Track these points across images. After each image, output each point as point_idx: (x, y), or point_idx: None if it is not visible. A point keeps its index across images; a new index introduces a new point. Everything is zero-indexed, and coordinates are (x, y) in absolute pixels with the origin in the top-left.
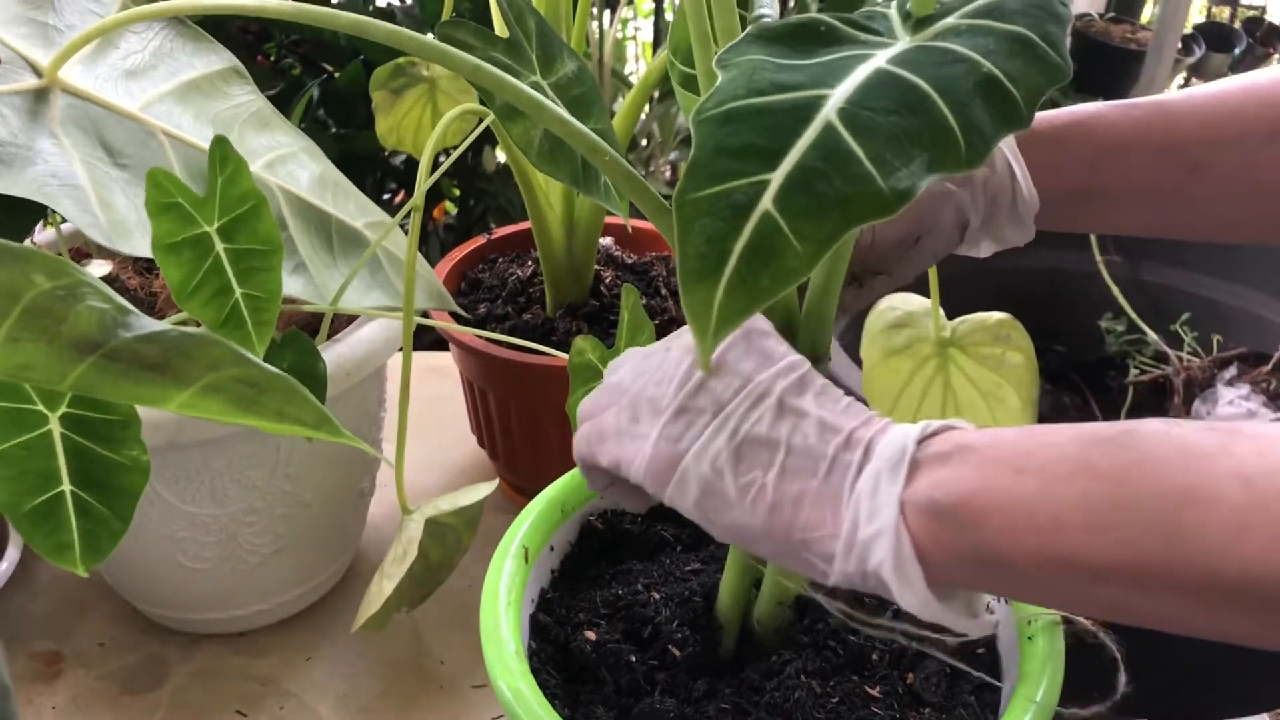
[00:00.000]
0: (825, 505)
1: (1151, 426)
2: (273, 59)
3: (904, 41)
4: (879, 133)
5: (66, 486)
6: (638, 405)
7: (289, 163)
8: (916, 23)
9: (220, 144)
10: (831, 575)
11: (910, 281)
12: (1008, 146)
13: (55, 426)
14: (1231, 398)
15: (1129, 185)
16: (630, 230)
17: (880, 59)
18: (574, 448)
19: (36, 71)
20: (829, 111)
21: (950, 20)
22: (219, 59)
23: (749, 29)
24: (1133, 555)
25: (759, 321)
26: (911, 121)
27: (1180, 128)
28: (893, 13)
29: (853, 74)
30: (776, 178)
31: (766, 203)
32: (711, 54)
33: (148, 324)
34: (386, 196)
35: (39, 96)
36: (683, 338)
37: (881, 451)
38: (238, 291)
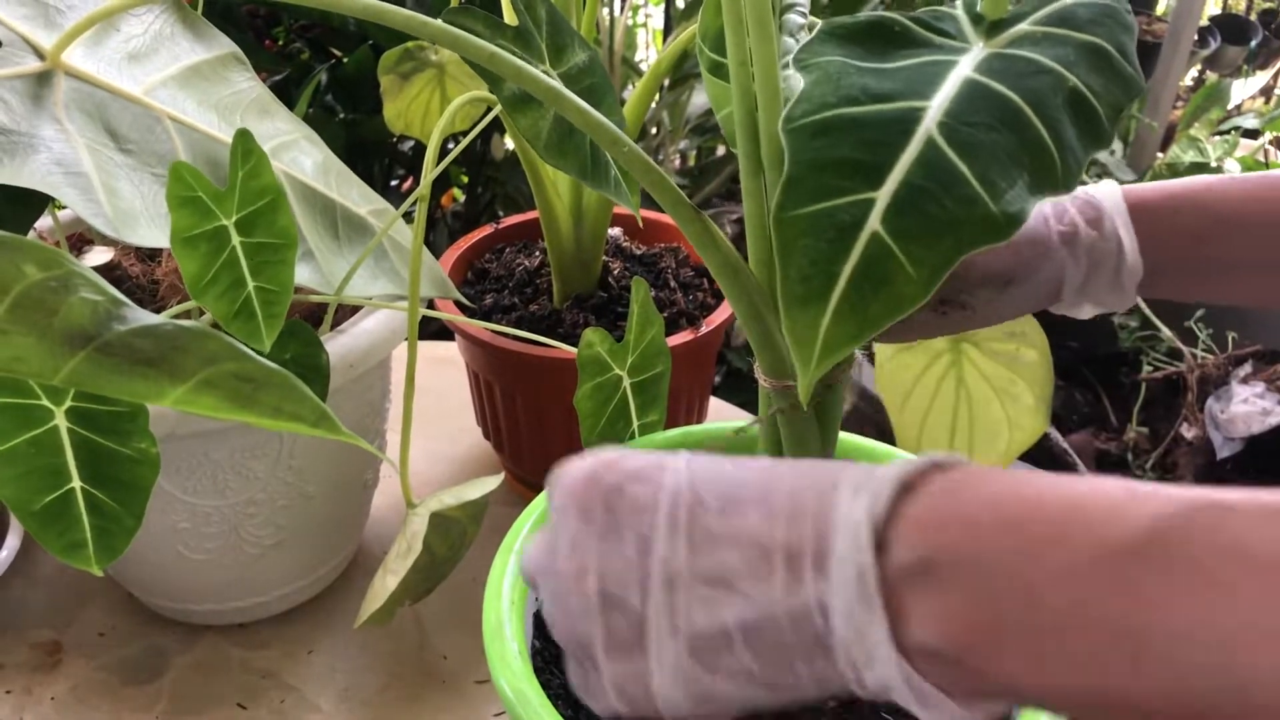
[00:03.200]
0: (821, 663)
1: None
2: (281, 43)
3: (979, 47)
4: (982, 151)
5: (76, 483)
6: (574, 655)
7: (291, 149)
8: (990, 26)
9: (243, 137)
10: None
11: (991, 324)
12: (1119, 214)
13: (61, 421)
14: (1246, 395)
15: (1239, 259)
16: (640, 222)
17: (965, 67)
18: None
19: (39, 54)
20: (929, 125)
21: (1024, 27)
22: (219, 44)
23: (821, 26)
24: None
25: (611, 466)
26: (1010, 139)
27: None
28: (960, 14)
29: (945, 84)
30: (883, 196)
31: (874, 223)
32: (744, 42)
33: (142, 317)
34: (395, 183)
35: (42, 80)
36: (555, 550)
37: (836, 576)
38: (251, 284)
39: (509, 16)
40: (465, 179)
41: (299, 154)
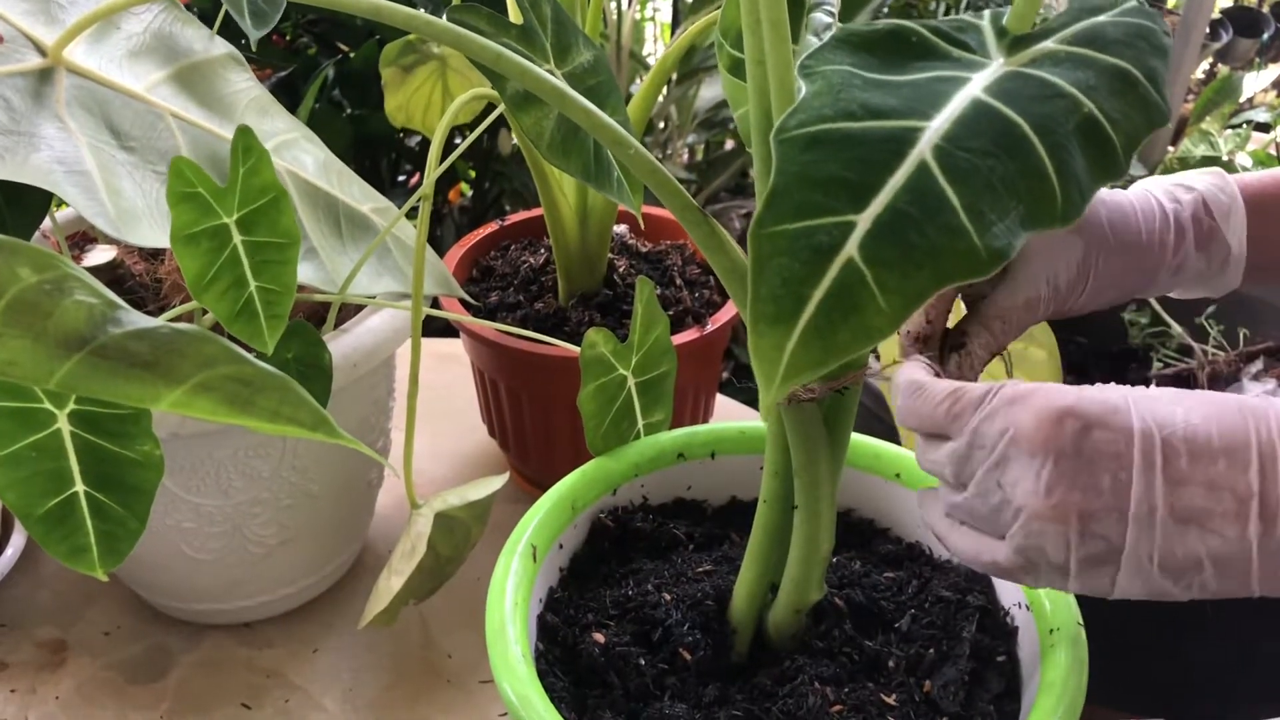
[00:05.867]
0: (1269, 577)
1: None
2: (288, 38)
3: (998, 63)
4: (975, 178)
5: (79, 487)
6: (1033, 561)
7: (292, 148)
8: (1012, 42)
9: (244, 134)
10: None
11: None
12: (1238, 224)
13: (64, 424)
14: (1257, 392)
15: None
16: (642, 223)
17: (976, 86)
18: (963, 559)
19: (40, 51)
20: (924, 148)
21: (1049, 45)
22: (216, 45)
23: (835, 32)
24: None
25: (1071, 412)
26: (1009, 167)
27: None
28: (986, 26)
29: (949, 104)
30: (864, 220)
31: (851, 248)
32: (759, 42)
33: (138, 320)
34: (402, 179)
35: (43, 77)
36: (1019, 477)
37: None
38: (253, 284)
39: (514, 15)
40: (473, 173)
41: (300, 152)
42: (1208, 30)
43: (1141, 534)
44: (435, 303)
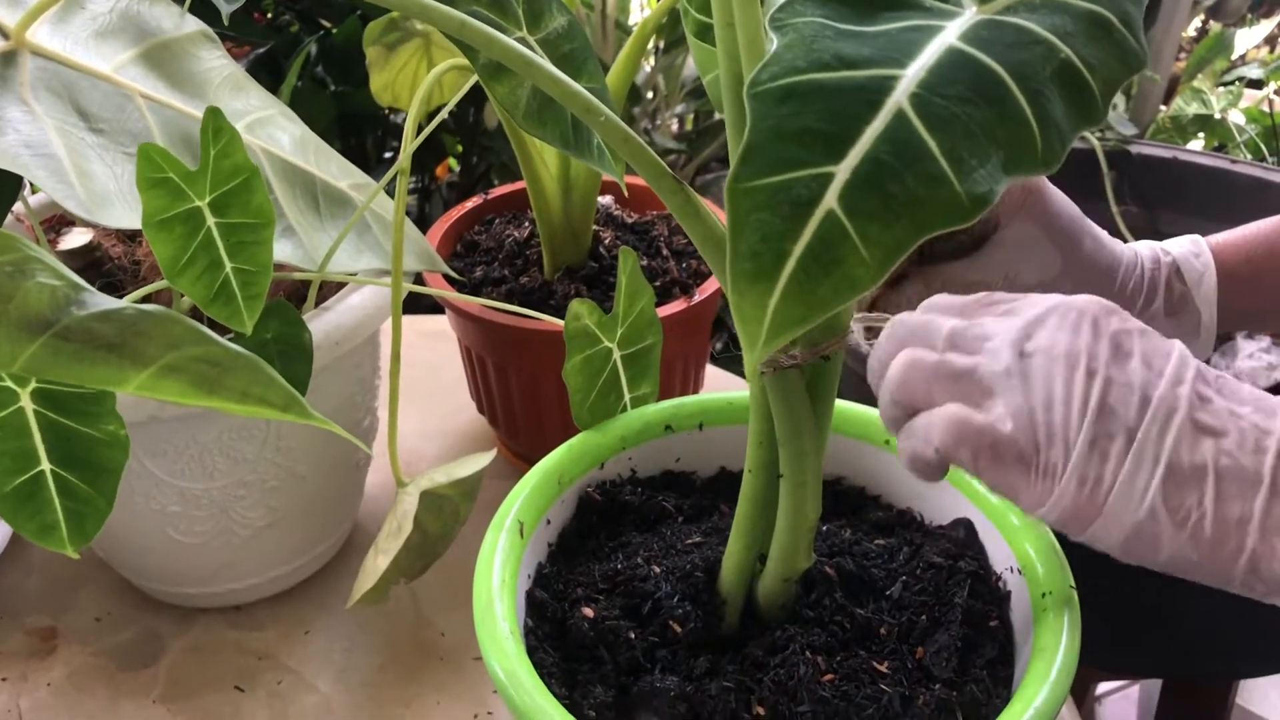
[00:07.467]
0: (1273, 535)
1: None
2: (269, 15)
3: (971, 11)
4: (954, 125)
5: (46, 465)
6: (1037, 426)
7: (268, 125)
8: None
9: (213, 115)
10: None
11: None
12: (1208, 299)
13: (27, 403)
14: (1251, 350)
15: None
16: (625, 191)
17: (951, 33)
18: (940, 436)
19: (2, 34)
20: (900, 96)
21: None
22: (187, 23)
23: None
24: None
25: (1124, 316)
26: (987, 113)
27: None
28: None
29: (924, 52)
30: (842, 171)
31: (830, 200)
32: (727, 4)
33: (103, 301)
34: (389, 155)
35: (6, 60)
36: (1053, 338)
37: None
38: (228, 266)
39: None
40: (460, 148)
41: (275, 130)
42: None
43: (1157, 424)
44: (419, 279)
